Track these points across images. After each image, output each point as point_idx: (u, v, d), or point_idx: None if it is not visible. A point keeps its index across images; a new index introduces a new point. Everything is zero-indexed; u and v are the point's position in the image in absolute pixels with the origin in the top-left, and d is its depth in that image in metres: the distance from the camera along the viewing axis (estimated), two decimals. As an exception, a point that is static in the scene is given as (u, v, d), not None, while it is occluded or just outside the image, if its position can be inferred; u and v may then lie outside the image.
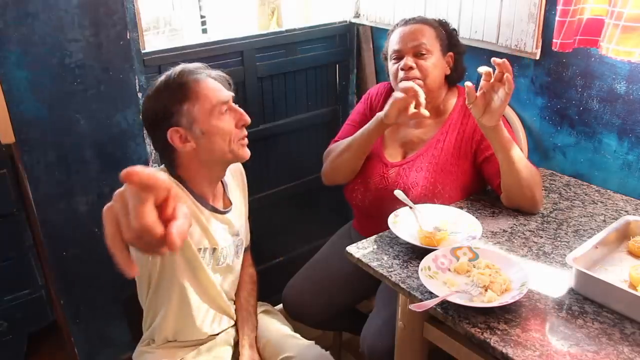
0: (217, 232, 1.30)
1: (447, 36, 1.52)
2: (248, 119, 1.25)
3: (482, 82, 1.23)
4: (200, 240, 1.26)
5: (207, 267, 1.29)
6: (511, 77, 1.18)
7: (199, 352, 1.35)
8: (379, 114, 1.46)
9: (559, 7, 1.37)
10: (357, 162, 1.56)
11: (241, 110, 1.25)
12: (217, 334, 1.38)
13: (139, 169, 0.50)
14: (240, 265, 1.44)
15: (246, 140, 1.26)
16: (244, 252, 1.49)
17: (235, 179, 1.45)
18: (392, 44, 1.51)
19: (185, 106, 1.18)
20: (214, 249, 1.30)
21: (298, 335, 1.45)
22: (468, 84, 1.24)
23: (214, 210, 1.30)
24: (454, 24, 1.68)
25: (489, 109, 1.24)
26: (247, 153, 1.27)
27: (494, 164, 1.39)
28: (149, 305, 1.33)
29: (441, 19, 1.57)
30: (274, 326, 1.47)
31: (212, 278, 1.31)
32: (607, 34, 1.29)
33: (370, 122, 1.49)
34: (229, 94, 1.24)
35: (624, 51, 1.26)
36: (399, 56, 1.49)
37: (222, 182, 1.37)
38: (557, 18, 1.39)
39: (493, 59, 1.20)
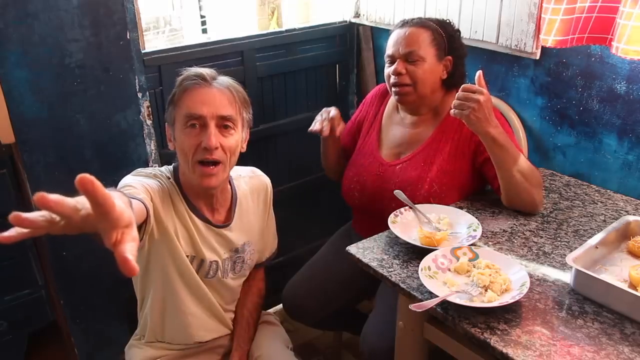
0: (207, 245, 1.27)
1: (447, 39, 1.48)
2: (207, 144, 1.13)
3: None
4: (187, 247, 1.25)
5: (196, 274, 1.27)
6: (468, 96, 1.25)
7: (184, 355, 1.34)
8: None
9: (550, 6, 1.39)
10: (333, 163, 1.73)
11: (209, 133, 1.14)
12: (207, 342, 1.36)
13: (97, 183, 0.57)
14: (239, 282, 1.40)
15: (211, 170, 1.16)
16: (257, 267, 1.46)
17: (254, 196, 1.38)
18: (388, 46, 1.51)
19: (171, 107, 1.21)
20: (202, 260, 1.27)
21: (292, 354, 1.42)
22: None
23: (207, 222, 1.27)
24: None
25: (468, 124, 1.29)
26: (205, 183, 1.17)
27: (492, 167, 1.39)
28: (139, 295, 1.33)
29: (445, 19, 1.53)
30: (270, 340, 1.43)
31: (203, 285, 1.29)
32: (617, 33, 1.29)
33: None
34: (212, 112, 1.15)
35: (634, 50, 1.26)
36: (391, 60, 1.49)
37: (232, 195, 1.33)
38: (547, 16, 1.40)
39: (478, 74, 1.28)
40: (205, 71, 1.21)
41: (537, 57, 1.59)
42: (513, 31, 1.60)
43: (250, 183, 1.38)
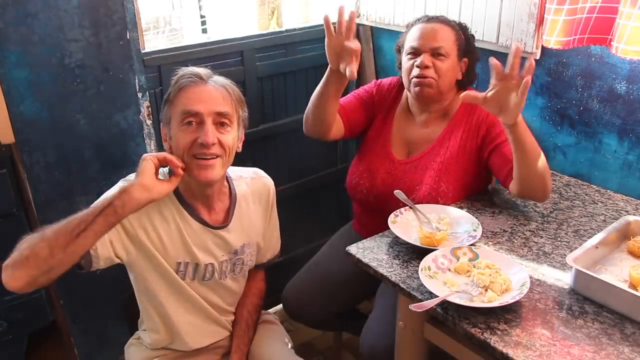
0: (202, 247, 1.25)
1: (465, 41, 1.51)
2: (204, 139, 1.13)
3: (492, 81, 1.19)
4: (178, 253, 1.23)
5: (183, 282, 1.25)
6: (529, 77, 1.15)
7: (183, 356, 1.33)
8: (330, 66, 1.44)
9: (552, 6, 1.39)
10: (321, 112, 1.52)
11: (206, 129, 1.13)
12: (206, 346, 1.35)
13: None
14: (241, 283, 1.39)
15: (208, 162, 1.15)
16: (257, 268, 1.44)
17: (255, 197, 1.36)
18: (411, 39, 1.50)
19: (167, 106, 1.20)
20: (196, 265, 1.25)
21: (292, 351, 1.41)
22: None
23: (204, 223, 1.25)
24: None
25: (505, 109, 1.20)
26: (202, 175, 1.15)
27: (499, 155, 1.39)
28: (140, 307, 1.33)
29: (462, 22, 1.56)
30: (270, 339, 1.42)
31: (194, 293, 1.27)
32: (617, 34, 1.29)
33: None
34: (209, 108, 1.14)
35: (633, 50, 1.27)
36: (416, 53, 1.48)
37: (230, 196, 1.31)
38: (550, 17, 1.40)
39: (512, 56, 1.15)
40: (201, 70, 1.20)
41: (537, 57, 1.59)
42: (513, 31, 1.60)
43: (252, 184, 1.36)
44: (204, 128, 1.14)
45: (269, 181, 1.41)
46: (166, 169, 1.16)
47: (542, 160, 1.30)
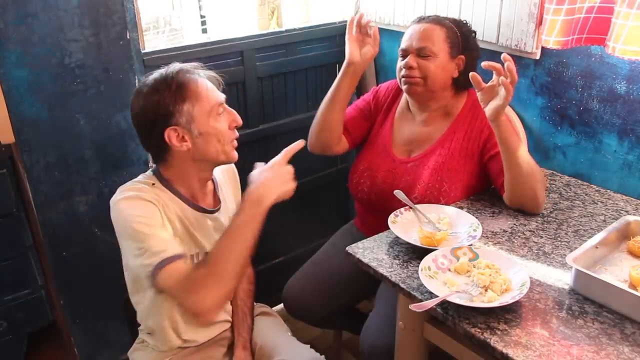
0: (205, 235, 1.27)
1: (462, 38, 1.50)
2: (240, 121, 1.24)
3: (494, 76, 1.24)
4: (188, 247, 1.24)
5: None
6: (513, 69, 1.20)
7: (190, 353, 1.34)
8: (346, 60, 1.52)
9: (551, 6, 1.39)
10: (333, 116, 1.57)
11: (234, 111, 1.24)
12: (212, 338, 1.37)
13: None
14: None
15: (236, 143, 1.25)
16: None
17: (226, 177, 1.42)
18: (402, 41, 1.53)
19: (185, 106, 1.15)
20: (206, 254, 1.26)
21: (294, 338, 1.43)
22: (473, 73, 1.27)
23: (202, 210, 1.27)
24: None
25: (491, 103, 1.26)
26: (236, 155, 1.25)
27: (498, 162, 1.40)
28: (142, 312, 1.33)
29: (461, 19, 1.56)
30: (271, 328, 1.44)
31: None
32: (614, 34, 1.29)
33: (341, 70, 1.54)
34: (223, 95, 1.23)
35: (631, 50, 1.27)
36: (404, 54, 1.52)
37: (213, 180, 1.34)
38: (549, 17, 1.40)
39: (503, 55, 1.21)
40: (192, 64, 1.23)
41: (537, 57, 1.59)
42: (513, 31, 1.60)
43: (220, 168, 1.36)
44: (230, 113, 1.23)
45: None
46: None
47: (530, 166, 1.31)
